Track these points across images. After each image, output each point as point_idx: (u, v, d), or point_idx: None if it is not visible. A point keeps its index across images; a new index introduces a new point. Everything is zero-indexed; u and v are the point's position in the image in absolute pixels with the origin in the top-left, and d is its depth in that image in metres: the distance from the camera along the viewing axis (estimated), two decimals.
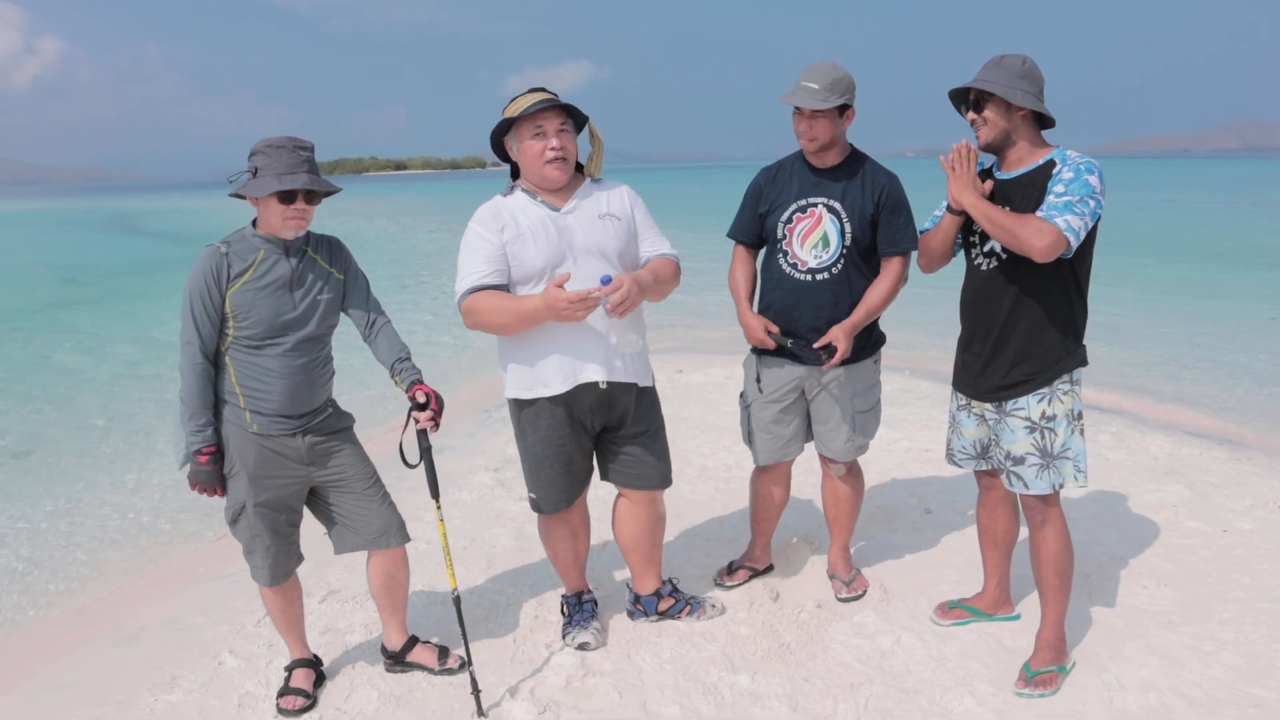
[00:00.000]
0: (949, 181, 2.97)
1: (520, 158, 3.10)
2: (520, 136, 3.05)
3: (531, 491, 3.35)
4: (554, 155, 3.01)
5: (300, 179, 2.76)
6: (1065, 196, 2.76)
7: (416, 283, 16.91)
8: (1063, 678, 3.08)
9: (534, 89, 3.09)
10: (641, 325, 3.27)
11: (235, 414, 2.89)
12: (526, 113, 2.98)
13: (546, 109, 2.98)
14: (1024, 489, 3.02)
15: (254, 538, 3.00)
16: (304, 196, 2.80)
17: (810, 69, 3.27)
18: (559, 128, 3.03)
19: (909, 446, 5.72)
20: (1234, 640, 3.30)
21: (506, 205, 3.11)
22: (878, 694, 3.07)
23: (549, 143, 3.00)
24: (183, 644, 3.69)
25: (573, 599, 3.56)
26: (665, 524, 3.60)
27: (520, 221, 3.06)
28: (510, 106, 3.04)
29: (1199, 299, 12.56)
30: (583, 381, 3.10)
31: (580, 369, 3.09)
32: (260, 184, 2.75)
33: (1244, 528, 4.31)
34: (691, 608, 3.62)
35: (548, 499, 3.31)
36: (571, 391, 3.12)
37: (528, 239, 3.03)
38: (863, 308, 3.35)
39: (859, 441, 3.58)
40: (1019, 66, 2.86)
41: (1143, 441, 5.73)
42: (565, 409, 3.16)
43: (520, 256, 3.03)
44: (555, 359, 3.07)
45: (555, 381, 3.10)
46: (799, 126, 3.31)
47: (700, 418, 6.64)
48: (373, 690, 3.22)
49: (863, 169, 3.40)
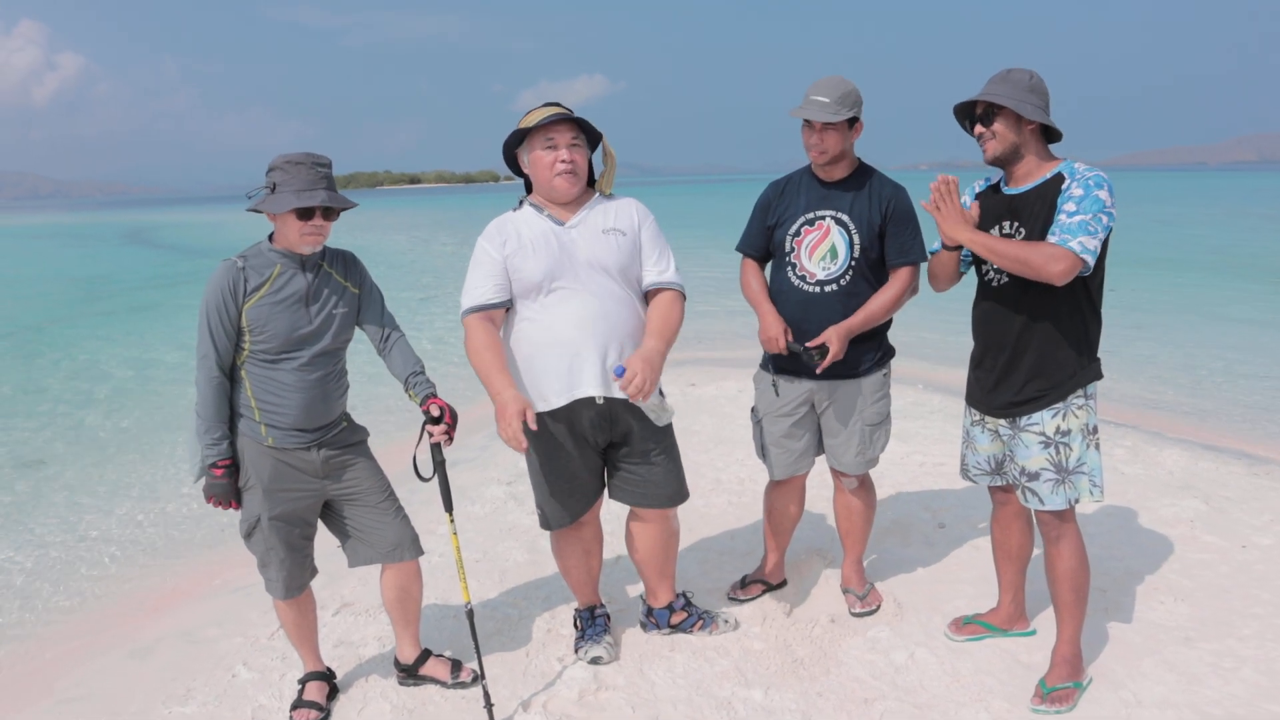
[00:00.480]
0: (938, 223, 2.95)
1: (531, 169, 3.10)
2: (532, 148, 3.06)
3: (538, 506, 3.35)
4: (564, 168, 3.01)
5: (319, 196, 2.78)
6: (1078, 216, 2.74)
7: (431, 297, 16.98)
8: (1079, 694, 3.05)
9: (548, 103, 3.11)
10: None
11: (250, 427, 2.91)
12: (540, 124, 3.00)
13: (559, 122, 3.00)
14: (1039, 504, 3.00)
15: (268, 550, 3.01)
16: (322, 213, 2.82)
17: (819, 83, 3.28)
18: (570, 141, 3.04)
19: (922, 460, 5.70)
20: (1254, 657, 3.26)
21: (512, 219, 3.13)
22: (892, 710, 3.05)
23: (559, 155, 3.02)
24: (197, 656, 3.70)
25: (585, 613, 3.56)
26: (679, 538, 3.58)
27: (523, 234, 3.07)
28: (524, 119, 3.06)
29: (1215, 312, 12.48)
30: (579, 396, 3.06)
31: (577, 384, 3.05)
32: (279, 200, 2.77)
33: (1263, 543, 4.27)
34: (704, 622, 3.60)
35: (553, 514, 3.31)
36: (569, 407, 3.09)
37: (528, 252, 3.03)
38: (863, 312, 3.33)
39: (870, 455, 3.57)
40: (1026, 81, 2.85)
41: (1159, 456, 5.69)
42: (565, 425, 3.15)
43: (520, 269, 3.03)
44: (553, 374, 3.05)
45: (553, 396, 3.07)
46: (809, 140, 3.32)
47: (714, 431, 6.63)
48: (386, 703, 3.22)
49: (870, 181, 3.41)
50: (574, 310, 3.01)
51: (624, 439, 3.23)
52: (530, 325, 3.06)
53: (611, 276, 3.07)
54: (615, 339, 3.05)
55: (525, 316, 3.07)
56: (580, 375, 3.04)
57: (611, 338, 3.04)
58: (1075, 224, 2.73)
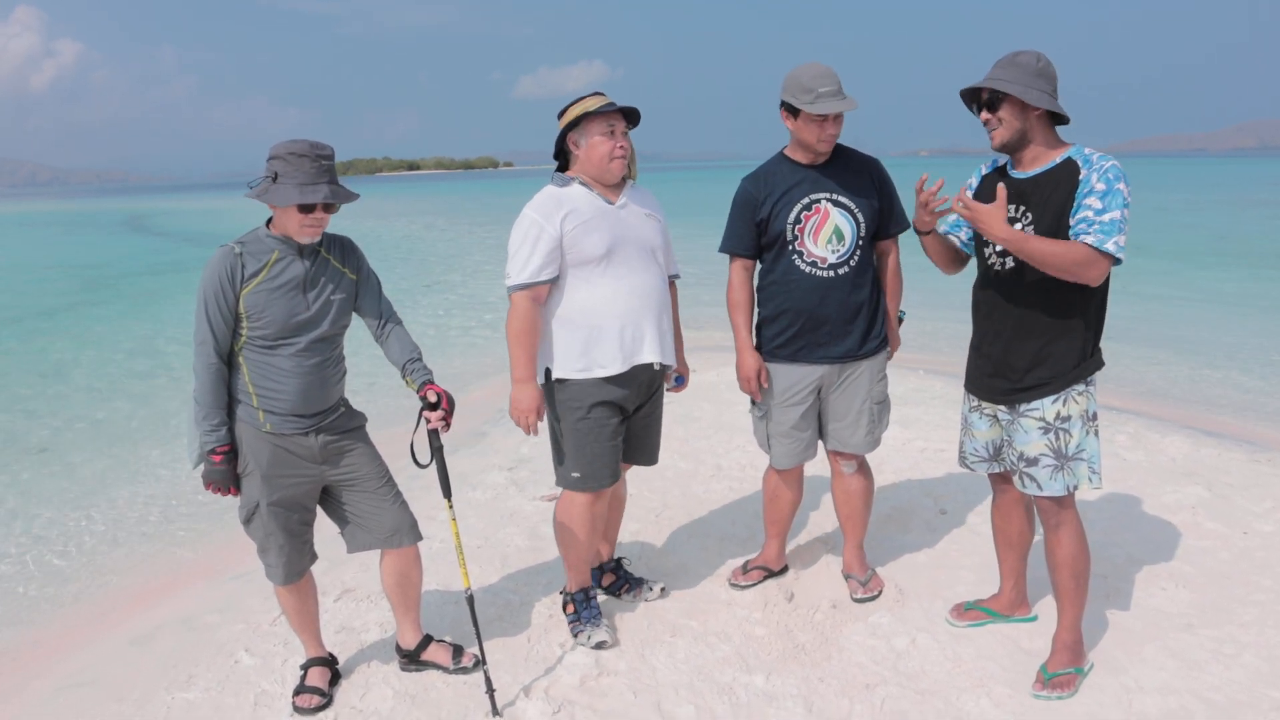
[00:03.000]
0: (982, 222, 2.77)
1: (587, 152, 3.26)
2: (590, 133, 3.24)
3: (574, 470, 3.35)
4: (621, 154, 3.26)
5: (321, 191, 2.76)
6: (1108, 214, 2.70)
7: (432, 283, 16.94)
8: (1080, 680, 3.05)
9: (596, 93, 3.28)
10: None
11: (249, 413, 2.90)
12: (603, 110, 3.20)
13: (615, 111, 3.22)
14: (1038, 491, 2.99)
15: (268, 536, 3.00)
16: (323, 206, 2.81)
17: (815, 75, 3.25)
18: (624, 129, 3.29)
19: (923, 446, 5.70)
20: (1255, 643, 3.26)
21: (567, 194, 3.27)
22: (893, 695, 3.06)
23: (619, 142, 3.24)
24: (199, 643, 3.71)
25: (579, 595, 3.55)
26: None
27: (583, 210, 3.23)
28: (580, 104, 3.24)
29: (1216, 298, 12.47)
30: (639, 363, 3.31)
31: (638, 350, 3.30)
32: (281, 193, 2.75)
33: (1264, 529, 4.27)
34: (630, 586, 3.82)
35: (598, 475, 3.35)
36: (629, 372, 3.29)
37: (591, 227, 3.21)
38: (892, 299, 3.60)
39: (877, 434, 3.62)
40: (1033, 64, 2.80)
41: (1160, 442, 5.68)
42: (619, 388, 3.31)
43: (582, 243, 3.19)
44: (614, 342, 3.25)
45: (612, 363, 3.26)
46: (824, 132, 3.31)
47: (714, 417, 6.62)
48: (388, 689, 3.23)
49: (851, 159, 3.50)
50: (634, 284, 3.27)
51: (647, 400, 3.50)
52: (589, 297, 3.24)
53: (655, 255, 3.38)
54: (665, 311, 3.40)
55: (582, 288, 3.24)
56: (640, 344, 3.31)
57: (663, 310, 3.38)
58: (1108, 223, 2.69)
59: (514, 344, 3.22)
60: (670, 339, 3.45)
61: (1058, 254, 2.72)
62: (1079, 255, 2.70)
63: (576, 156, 3.30)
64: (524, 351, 3.22)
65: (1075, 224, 2.75)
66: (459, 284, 16.74)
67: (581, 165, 3.30)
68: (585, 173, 3.30)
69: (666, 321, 3.42)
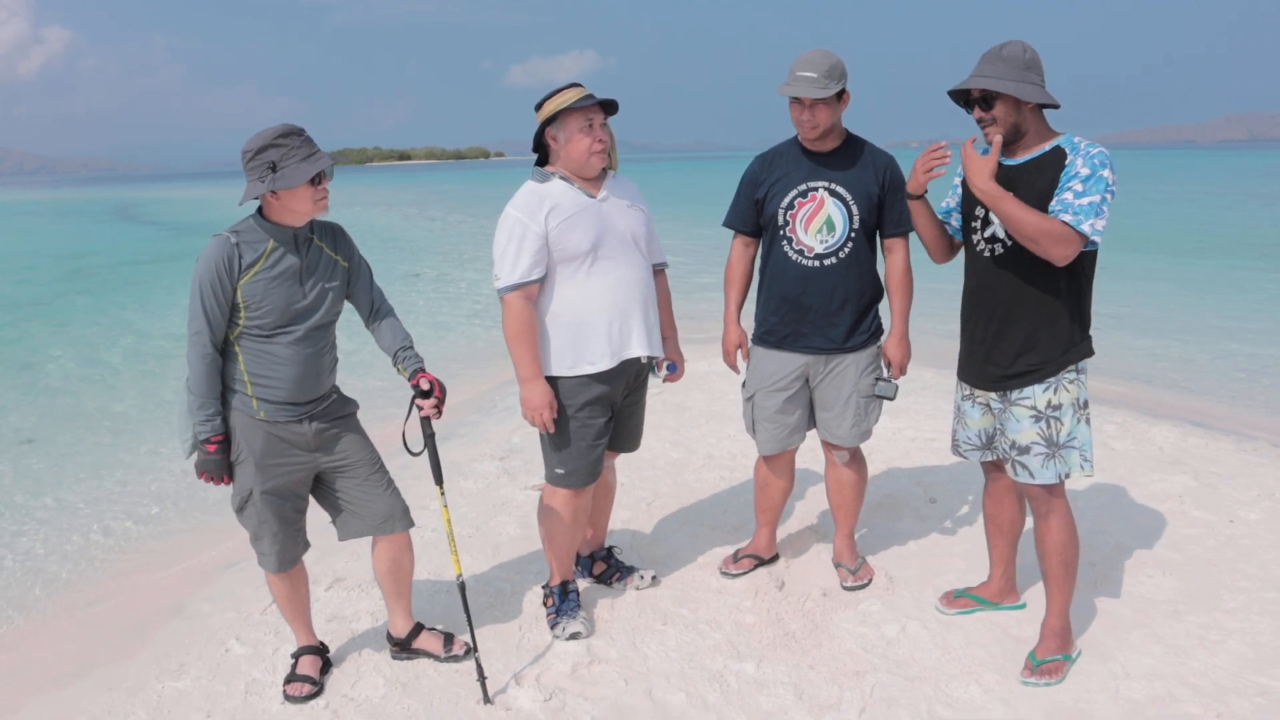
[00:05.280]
0: (966, 164, 2.83)
1: (567, 147, 3.20)
2: (569, 127, 3.17)
3: (558, 466, 3.35)
4: (600, 147, 3.20)
5: (324, 158, 2.80)
6: (1087, 197, 2.71)
7: (425, 272, 16.89)
8: (1068, 666, 3.08)
9: (573, 84, 3.24)
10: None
11: (242, 402, 2.89)
12: (580, 105, 3.13)
13: (593, 104, 3.16)
14: (1029, 478, 3.00)
15: (261, 524, 3.00)
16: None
17: (804, 58, 3.27)
18: (603, 122, 3.23)
19: (914, 436, 5.72)
20: (1240, 629, 3.30)
21: (548, 190, 3.22)
22: (883, 682, 3.08)
23: (598, 135, 3.18)
24: (190, 631, 3.70)
25: (558, 589, 3.55)
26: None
27: (565, 205, 3.19)
28: (556, 98, 3.17)
29: (1205, 289, 12.52)
30: (628, 357, 3.29)
31: (626, 345, 3.28)
32: (292, 173, 2.73)
33: (1250, 518, 4.31)
34: (621, 574, 3.83)
35: (585, 472, 3.35)
36: (617, 367, 3.28)
37: (575, 223, 3.17)
38: (899, 314, 3.51)
39: (864, 426, 3.60)
40: (1021, 57, 2.78)
41: (1148, 431, 5.72)
42: (608, 384, 3.29)
43: (566, 238, 3.16)
44: (603, 338, 3.23)
45: (601, 359, 3.24)
46: (799, 116, 3.31)
47: (705, 406, 6.64)
48: (379, 677, 3.23)
49: (863, 152, 3.44)
50: (620, 278, 3.24)
51: (633, 390, 3.49)
52: (575, 293, 3.21)
53: (639, 247, 3.34)
54: (651, 303, 3.37)
55: (569, 284, 3.21)
56: (629, 338, 3.28)
57: (648, 303, 3.35)
58: (1086, 205, 2.70)
59: (514, 344, 3.18)
60: (657, 331, 3.42)
61: (1032, 222, 2.71)
62: (1051, 228, 2.70)
63: (556, 151, 3.25)
64: (526, 350, 3.18)
65: (1055, 204, 2.76)
66: (449, 273, 16.71)
67: (562, 160, 3.25)
68: (565, 167, 3.25)
69: (653, 313, 3.39)
